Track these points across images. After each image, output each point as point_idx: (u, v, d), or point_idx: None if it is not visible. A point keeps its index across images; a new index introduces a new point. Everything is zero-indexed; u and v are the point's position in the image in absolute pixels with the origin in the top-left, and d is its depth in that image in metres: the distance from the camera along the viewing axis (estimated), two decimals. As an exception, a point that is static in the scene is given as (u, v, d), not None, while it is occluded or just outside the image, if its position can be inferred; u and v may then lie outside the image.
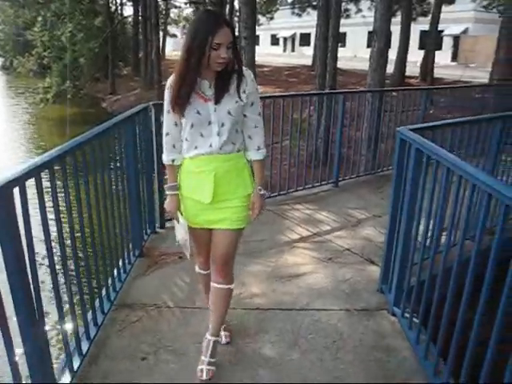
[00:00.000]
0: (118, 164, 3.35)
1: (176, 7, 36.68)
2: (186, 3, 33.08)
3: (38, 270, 1.92)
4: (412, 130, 2.84)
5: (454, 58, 33.09)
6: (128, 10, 36.82)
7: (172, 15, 40.08)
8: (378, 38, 6.43)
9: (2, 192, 1.67)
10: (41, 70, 30.26)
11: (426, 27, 19.71)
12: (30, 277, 1.86)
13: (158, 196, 4.12)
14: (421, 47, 27.39)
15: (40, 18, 21.02)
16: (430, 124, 3.17)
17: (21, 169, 1.85)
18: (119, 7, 32.07)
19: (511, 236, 2.47)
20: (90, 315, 2.64)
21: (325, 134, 5.90)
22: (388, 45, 6.55)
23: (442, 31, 31.90)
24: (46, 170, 2.08)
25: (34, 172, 1.93)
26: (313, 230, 4.29)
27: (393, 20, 19.52)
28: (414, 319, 2.70)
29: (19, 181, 1.79)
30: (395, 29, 18.73)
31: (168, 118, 2.23)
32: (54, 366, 2.18)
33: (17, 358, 1.83)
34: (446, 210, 2.44)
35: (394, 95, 7.31)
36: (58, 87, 19.29)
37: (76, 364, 2.37)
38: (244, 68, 2.16)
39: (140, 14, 26.60)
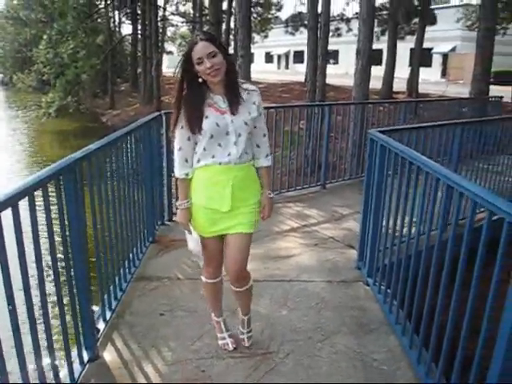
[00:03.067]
0: (135, 166, 3.94)
1: (173, 25, 37.59)
2: (182, 22, 34.00)
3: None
4: (381, 131, 3.48)
5: (444, 74, 34.07)
6: (126, 29, 37.73)
7: (169, 33, 40.97)
8: (361, 56, 7.13)
9: (70, 168, 2.28)
10: (40, 86, 31.05)
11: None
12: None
13: (167, 194, 4.75)
14: (411, 64, 28.35)
15: (45, 36, 21.80)
16: (396, 127, 3.79)
17: (57, 164, 2.27)
18: (118, 26, 33.06)
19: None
20: (116, 281, 3.24)
21: (314, 143, 6.52)
22: (370, 62, 7.25)
23: (431, 49, 32.96)
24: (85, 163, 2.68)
25: (71, 165, 2.34)
26: (301, 223, 4.91)
27: (384, 38, 20.43)
28: (382, 287, 3.30)
29: (63, 171, 2.34)
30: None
31: (181, 133, 2.31)
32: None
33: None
34: (407, 201, 3.03)
35: (380, 109, 8.02)
36: (61, 102, 19.98)
37: (108, 315, 2.97)
38: (245, 81, 2.43)
39: (139, 32, 27.42)
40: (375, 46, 22.06)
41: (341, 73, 34.73)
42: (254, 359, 2.67)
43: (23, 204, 1.90)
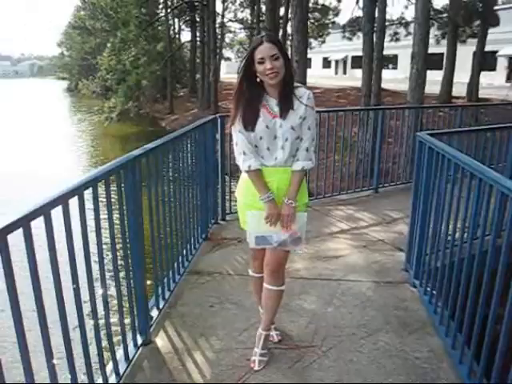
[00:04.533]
0: (190, 166, 4.13)
1: (231, 32, 38.31)
2: (240, 28, 34.63)
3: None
4: (430, 134, 3.49)
5: (509, 78, 32.73)
6: (186, 36, 38.95)
7: (227, 39, 41.72)
8: (417, 61, 7.07)
9: (129, 164, 2.49)
10: (103, 92, 32.49)
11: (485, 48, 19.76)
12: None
13: (221, 194, 4.94)
14: (474, 68, 27.41)
15: (109, 44, 22.91)
16: (446, 130, 3.79)
17: (118, 159, 2.50)
18: (177, 33, 34.04)
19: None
20: (170, 274, 3.43)
21: (368, 148, 6.55)
22: (425, 66, 7.18)
23: (495, 52, 31.76)
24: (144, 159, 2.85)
25: (131, 161, 2.55)
26: (352, 225, 4.96)
27: (444, 42, 19.91)
28: (428, 288, 3.31)
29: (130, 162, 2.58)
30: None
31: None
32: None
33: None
34: (453, 206, 3.03)
35: (438, 114, 7.91)
36: (122, 107, 20.88)
37: (161, 304, 3.16)
38: (300, 85, 2.45)
39: (198, 39, 28.15)
40: (437, 50, 21.46)
41: (400, 77, 34.04)
42: (297, 351, 2.77)
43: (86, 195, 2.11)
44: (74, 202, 2.00)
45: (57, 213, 1.88)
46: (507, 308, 2.09)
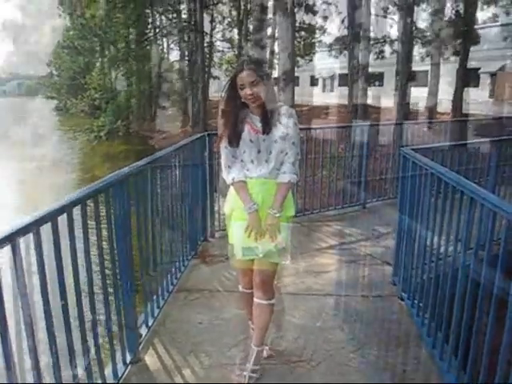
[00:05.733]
0: (178, 184, 4.16)
1: (219, 51, 38.65)
2: (228, 47, 34.98)
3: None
4: (413, 149, 3.57)
5: (492, 94, 33.26)
6: (175, 55, 39.22)
7: (215, 58, 42.05)
8: (401, 78, 7.21)
9: (119, 181, 2.52)
10: (91, 111, 32.49)
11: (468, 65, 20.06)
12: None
13: (209, 211, 4.96)
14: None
15: (98, 64, 23.06)
16: (430, 145, 3.87)
17: (107, 177, 2.52)
18: (166, 52, 34.31)
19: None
20: (159, 291, 3.44)
21: (354, 164, 6.62)
22: (409, 83, 7.31)
23: (478, 69, 32.34)
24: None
25: (120, 179, 2.59)
26: (340, 240, 5.01)
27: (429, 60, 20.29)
28: (415, 301, 3.35)
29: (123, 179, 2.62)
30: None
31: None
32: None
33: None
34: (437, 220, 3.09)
35: (424, 130, 8.04)
36: (111, 125, 20.92)
37: (150, 322, 3.16)
38: (283, 104, 2.64)
39: (187, 58, 28.36)
40: (422, 68, 21.76)
41: (386, 94, 34.49)
42: (287, 366, 2.78)
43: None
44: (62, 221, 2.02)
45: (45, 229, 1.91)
46: (489, 320, 2.14)
